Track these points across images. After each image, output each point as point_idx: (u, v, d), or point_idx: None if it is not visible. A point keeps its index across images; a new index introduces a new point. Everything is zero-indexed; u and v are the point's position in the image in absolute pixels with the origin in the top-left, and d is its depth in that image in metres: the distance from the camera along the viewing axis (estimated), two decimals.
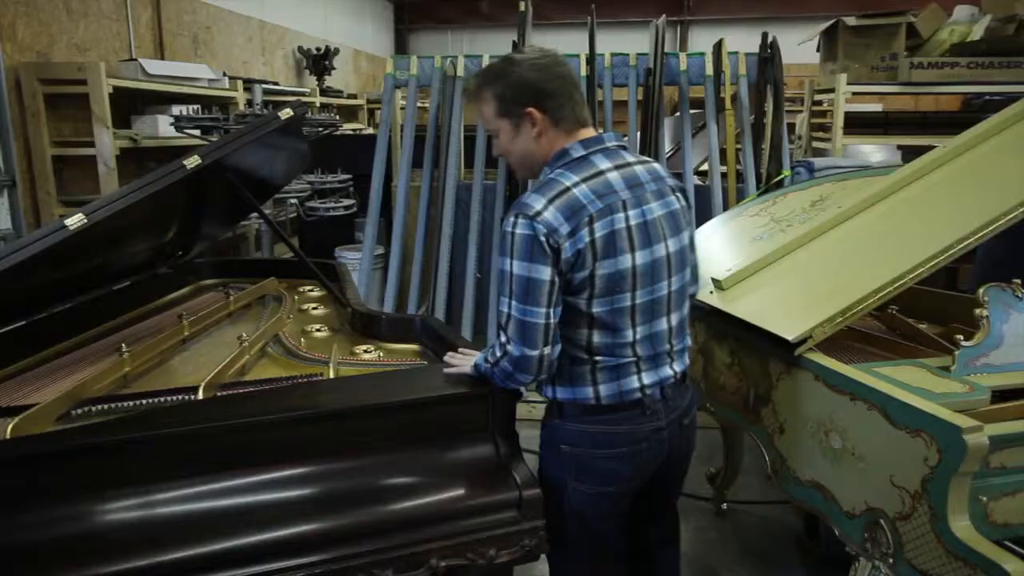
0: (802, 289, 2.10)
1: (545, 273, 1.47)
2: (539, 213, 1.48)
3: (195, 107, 4.54)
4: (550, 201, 1.49)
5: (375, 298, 4.73)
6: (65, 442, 1.40)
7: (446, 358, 1.77)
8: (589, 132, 1.62)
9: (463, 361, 1.71)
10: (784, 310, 2.03)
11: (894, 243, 2.05)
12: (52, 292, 1.95)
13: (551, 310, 1.49)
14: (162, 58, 5.44)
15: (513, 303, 1.49)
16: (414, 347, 2.09)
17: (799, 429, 1.91)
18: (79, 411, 1.64)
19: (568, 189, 1.51)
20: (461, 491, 1.58)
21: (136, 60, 4.66)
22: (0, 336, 1.76)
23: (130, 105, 4.74)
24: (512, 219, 1.50)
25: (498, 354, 1.54)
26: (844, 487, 1.76)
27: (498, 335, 1.55)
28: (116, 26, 4.99)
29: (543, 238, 1.46)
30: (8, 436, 1.44)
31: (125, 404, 1.69)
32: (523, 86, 1.57)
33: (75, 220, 1.61)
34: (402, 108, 4.97)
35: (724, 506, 3.09)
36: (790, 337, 1.87)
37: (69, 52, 4.50)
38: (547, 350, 1.51)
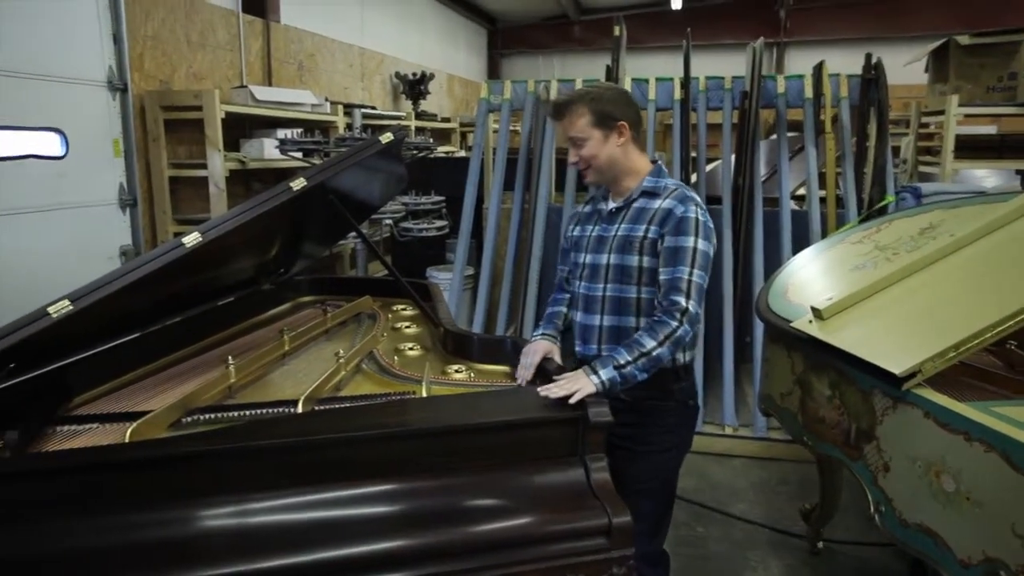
0: (911, 321, 1.99)
1: (713, 250, 1.92)
2: (703, 205, 1.94)
3: (298, 131, 4.76)
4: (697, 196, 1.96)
5: (464, 318, 4.80)
6: (180, 448, 1.47)
7: (553, 388, 1.70)
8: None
9: (572, 384, 1.68)
10: (890, 342, 1.94)
11: (1015, 274, 1.93)
12: (166, 306, 2.06)
13: None
14: (270, 85, 5.74)
15: (696, 272, 1.86)
16: (505, 368, 2.10)
17: (906, 468, 1.81)
18: (188, 419, 1.73)
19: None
20: (549, 515, 1.56)
21: (247, 87, 4.93)
22: (121, 346, 1.87)
23: (239, 129, 5.01)
24: (693, 207, 1.90)
25: (674, 324, 1.83)
26: (958, 533, 1.65)
27: (672, 304, 1.84)
28: (230, 56, 5.31)
29: (711, 224, 1.92)
30: (127, 439, 1.53)
31: (230, 414, 1.76)
32: (617, 105, 1.96)
33: (191, 238, 1.70)
34: (495, 131, 5.05)
35: (820, 545, 2.96)
36: (897, 371, 1.78)
37: (188, 80, 4.81)
38: None
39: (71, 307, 1.49)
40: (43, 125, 3.42)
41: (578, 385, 1.68)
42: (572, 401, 1.65)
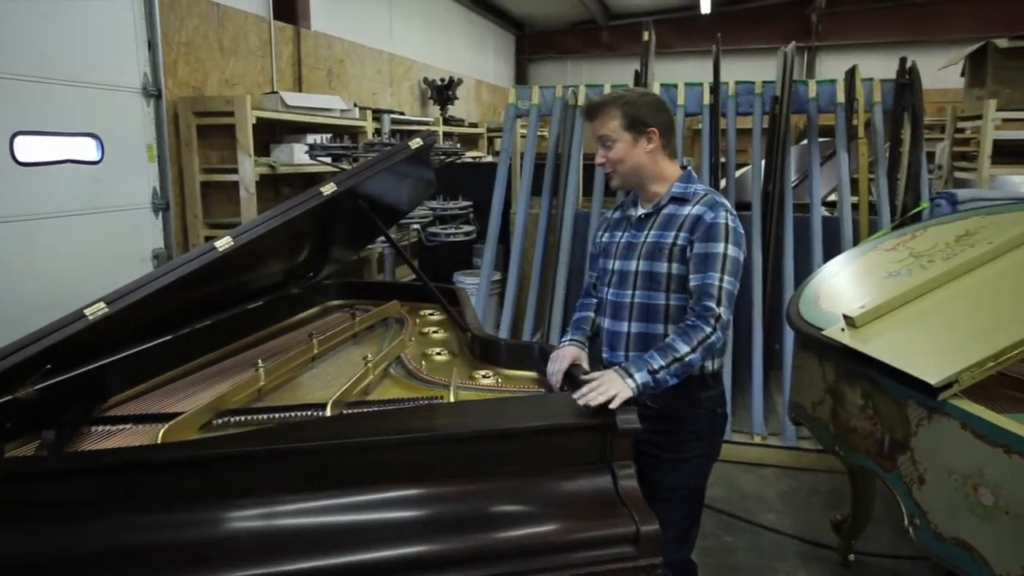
0: (947, 329, 1.96)
1: (743, 256, 1.91)
2: (734, 210, 1.92)
3: (327, 136, 4.80)
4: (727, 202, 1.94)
5: (491, 323, 4.80)
6: (211, 450, 1.48)
7: (590, 395, 1.65)
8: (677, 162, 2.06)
9: (609, 388, 1.65)
10: (926, 351, 1.90)
11: None
12: (198, 309, 2.09)
13: None
14: (300, 90, 5.80)
15: (727, 278, 1.85)
16: (532, 374, 2.09)
17: (942, 481, 1.77)
18: (219, 421, 1.75)
19: None
20: (576, 522, 1.55)
21: (277, 93, 5.00)
22: (153, 348, 1.89)
23: (269, 134, 5.07)
24: (723, 213, 1.89)
25: (708, 329, 1.81)
26: (996, 548, 1.61)
27: (706, 309, 1.82)
28: (261, 62, 5.38)
29: (742, 229, 1.92)
30: (160, 440, 1.55)
31: (260, 417, 1.78)
32: (649, 111, 1.95)
33: (223, 242, 1.72)
34: (522, 137, 5.06)
35: (851, 557, 2.91)
36: (933, 381, 1.74)
37: (220, 87, 4.88)
38: None
39: (106, 309, 1.52)
40: (80, 131, 3.49)
41: (615, 389, 1.65)
42: (613, 406, 1.62)
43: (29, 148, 3.19)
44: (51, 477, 1.40)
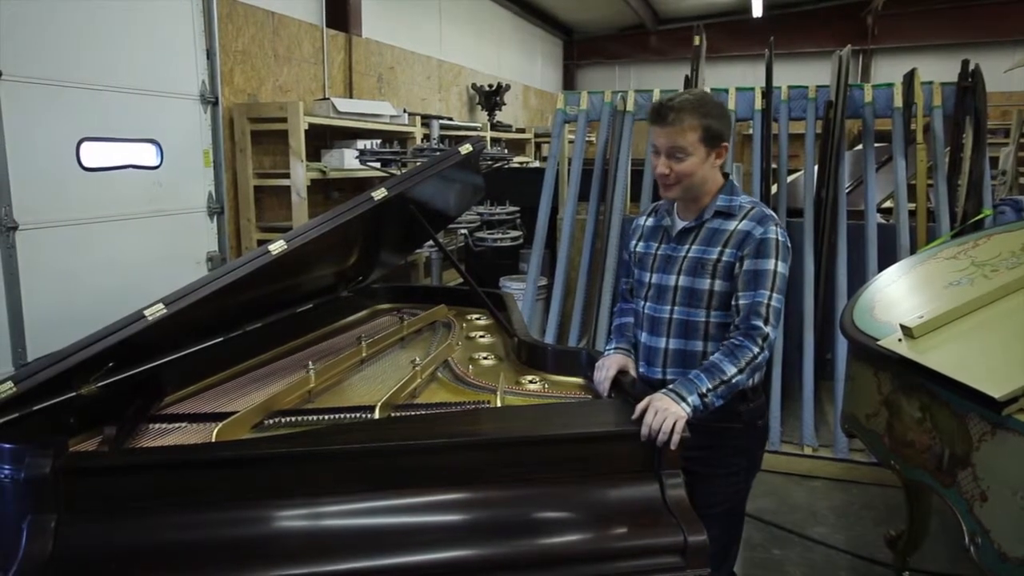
0: (1012, 341, 1.88)
1: (788, 270, 1.87)
2: (780, 221, 1.86)
3: (377, 141, 4.87)
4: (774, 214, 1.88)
5: (537, 329, 4.80)
6: (264, 449, 1.51)
7: (647, 434, 1.60)
8: None
9: (666, 415, 1.60)
10: (989, 364, 1.84)
11: None
12: (251, 311, 2.13)
13: None
14: (351, 97, 5.89)
15: (775, 295, 1.81)
16: (579, 380, 2.08)
17: (1007, 499, 1.70)
18: (270, 421, 1.78)
19: None
20: (623, 530, 1.54)
21: (329, 99, 5.08)
22: (208, 349, 1.94)
23: (320, 140, 5.16)
24: (773, 227, 1.83)
25: (756, 350, 1.78)
26: None
27: (753, 328, 1.78)
28: (313, 69, 5.48)
29: (789, 243, 1.87)
30: (214, 439, 1.59)
31: (310, 418, 1.81)
32: (725, 124, 1.85)
33: (277, 246, 1.75)
34: (570, 142, 5.04)
35: (906, 574, 2.82)
36: (996, 395, 1.68)
37: (274, 93, 5.00)
38: None
39: (165, 310, 1.56)
40: (142, 137, 3.60)
41: (671, 416, 1.59)
42: (675, 443, 1.57)
43: (94, 154, 3.30)
44: (112, 472, 1.44)
